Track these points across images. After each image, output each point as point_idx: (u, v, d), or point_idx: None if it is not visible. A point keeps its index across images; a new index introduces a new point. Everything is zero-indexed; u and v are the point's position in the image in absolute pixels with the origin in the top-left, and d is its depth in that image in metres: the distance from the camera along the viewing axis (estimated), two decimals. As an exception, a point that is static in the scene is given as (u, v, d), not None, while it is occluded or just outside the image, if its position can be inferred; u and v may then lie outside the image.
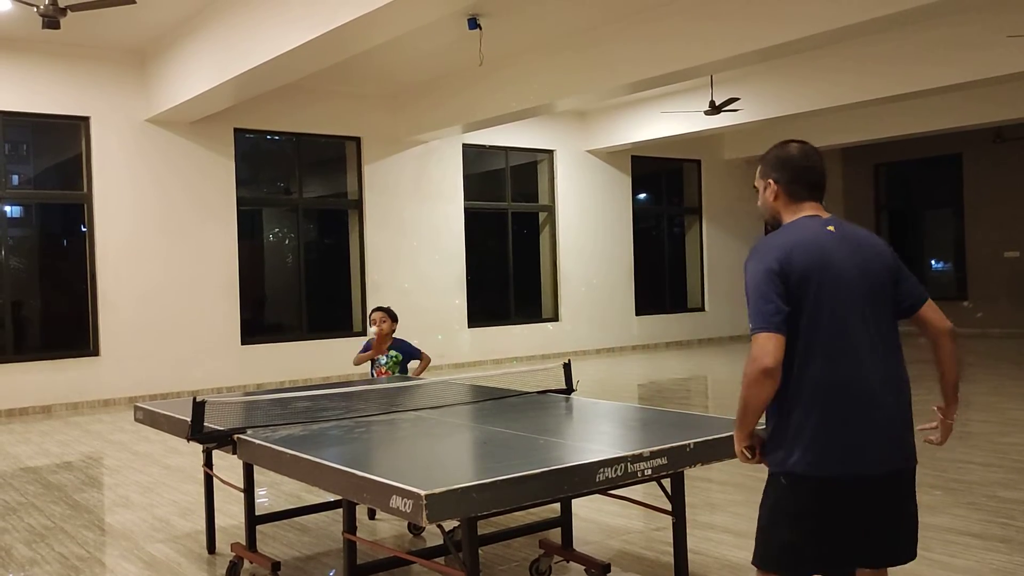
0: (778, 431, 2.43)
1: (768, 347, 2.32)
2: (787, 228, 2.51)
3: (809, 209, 2.53)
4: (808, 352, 2.36)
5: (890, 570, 2.58)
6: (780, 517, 2.43)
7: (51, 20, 6.74)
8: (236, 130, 11.16)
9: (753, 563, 2.51)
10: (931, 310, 2.55)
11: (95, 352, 10.19)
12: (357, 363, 6.02)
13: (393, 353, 5.92)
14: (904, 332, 2.49)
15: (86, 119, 10.19)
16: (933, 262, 17.35)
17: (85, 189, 10.24)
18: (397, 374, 5.88)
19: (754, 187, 2.67)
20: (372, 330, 5.91)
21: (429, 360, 6.01)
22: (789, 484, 2.39)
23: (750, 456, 2.53)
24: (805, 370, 2.37)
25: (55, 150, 10.62)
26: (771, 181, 2.58)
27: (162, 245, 10.59)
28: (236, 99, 9.61)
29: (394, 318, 5.96)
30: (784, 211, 2.57)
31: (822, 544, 2.38)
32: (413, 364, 6.02)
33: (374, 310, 6.05)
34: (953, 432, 2.70)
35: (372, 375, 5.97)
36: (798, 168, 2.54)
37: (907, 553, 2.48)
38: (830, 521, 2.37)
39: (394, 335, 6.00)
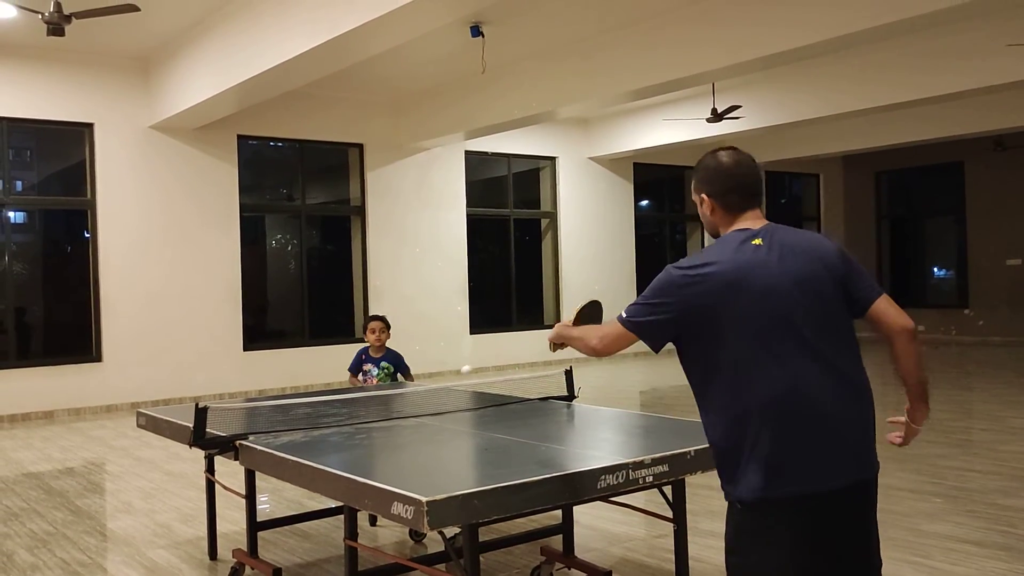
0: (724, 458, 2.33)
1: (616, 341, 2.45)
2: (715, 245, 2.40)
3: (745, 220, 2.42)
4: (740, 375, 2.26)
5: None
6: (744, 541, 2.31)
7: (56, 27, 6.78)
8: (239, 137, 11.20)
9: None
10: (885, 306, 2.35)
11: (98, 358, 10.21)
12: (352, 383, 5.96)
13: (385, 364, 5.86)
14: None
15: (90, 125, 10.23)
16: (935, 270, 17.35)
17: (89, 195, 10.28)
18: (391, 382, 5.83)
19: (692, 201, 2.58)
20: (371, 338, 5.88)
21: (413, 381, 5.94)
22: (744, 509, 2.28)
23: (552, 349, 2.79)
24: (740, 395, 2.26)
25: (59, 156, 10.66)
26: (703, 196, 2.49)
27: (165, 251, 10.61)
28: (239, 106, 9.65)
29: (389, 327, 5.95)
30: (721, 224, 2.47)
31: (788, 565, 2.23)
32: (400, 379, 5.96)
33: (373, 319, 5.99)
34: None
35: (360, 382, 5.90)
36: (729, 179, 2.45)
37: (877, 565, 2.36)
38: (790, 542, 2.22)
39: (387, 346, 5.96)
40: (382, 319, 5.98)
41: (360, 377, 5.92)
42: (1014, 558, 4.12)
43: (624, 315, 2.40)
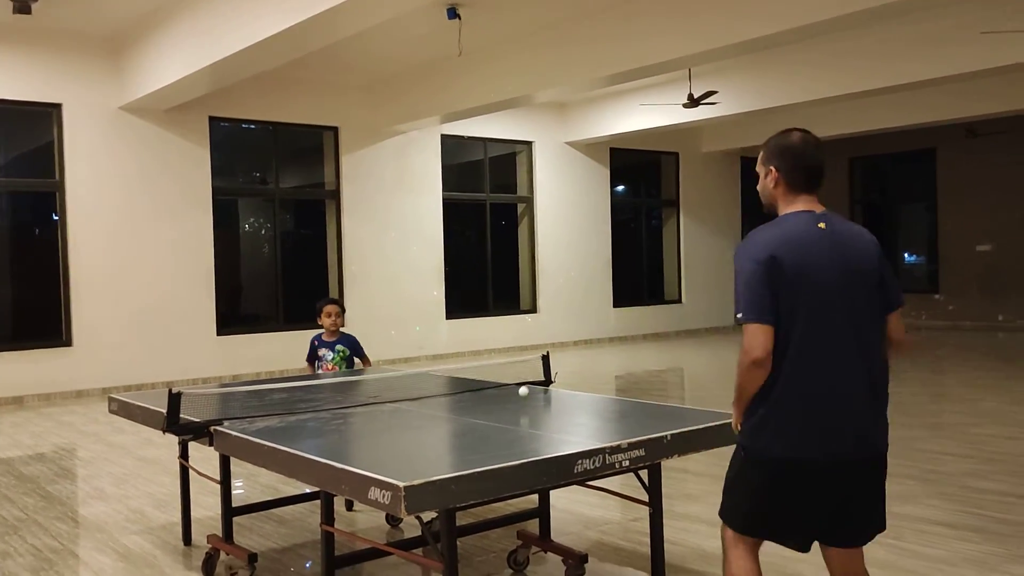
0: (748, 411, 2.55)
1: (759, 338, 2.43)
2: (779, 222, 2.57)
3: (804, 202, 2.59)
4: (785, 349, 2.44)
5: (866, 558, 2.63)
6: (740, 486, 2.63)
7: (22, 5, 6.65)
8: (211, 118, 11.05)
9: (719, 514, 2.71)
10: (897, 317, 2.61)
11: (68, 343, 10.07)
12: (310, 371, 5.87)
13: (341, 348, 5.74)
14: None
15: (58, 106, 10.05)
16: (906, 255, 17.54)
17: (57, 177, 10.10)
18: (344, 370, 5.68)
19: (755, 172, 2.73)
20: (327, 322, 5.78)
21: (370, 365, 5.86)
22: (747, 460, 2.57)
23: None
24: (780, 367, 2.45)
25: (26, 137, 10.45)
26: (772, 168, 2.64)
27: (136, 235, 10.47)
28: (211, 87, 9.51)
29: (344, 311, 5.87)
30: (781, 200, 2.63)
31: (774, 518, 2.56)
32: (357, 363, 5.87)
33: (328, 302, 5.88)
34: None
35: (316, 371, 5.79)
36: (798, 159, 2.60)
37: (853, 535, 2.59)
38: (782, 500, 2.52)
39: (343, 330, 5.86)
40: (338, 302, 5.90)
41: (316, 365, 5.80)
42: (984, 539, 4.18)
43: (744, 316, 2.47)
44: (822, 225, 2.53)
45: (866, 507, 2.56)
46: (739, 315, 2.48)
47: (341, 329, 5.85)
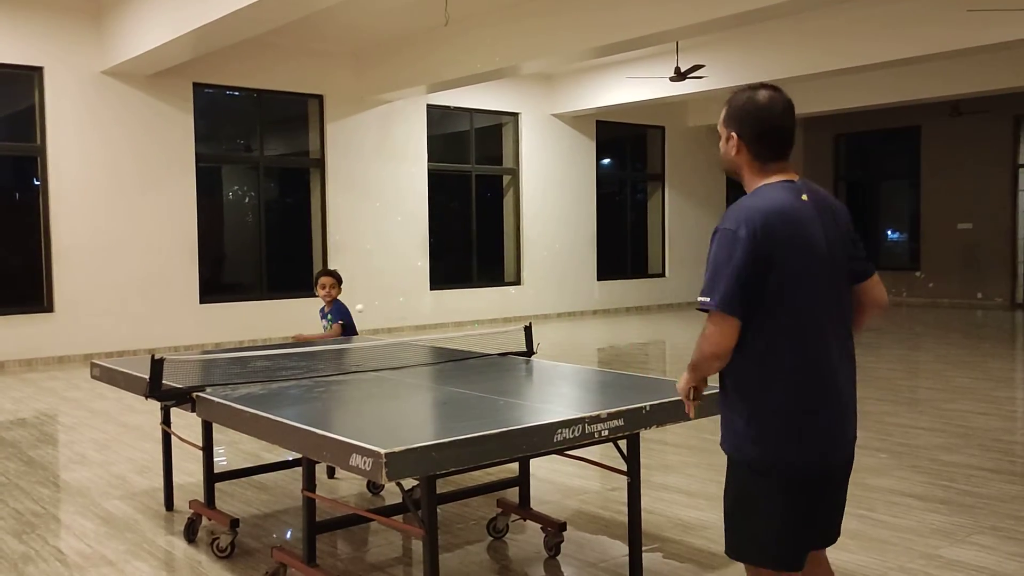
0: (740, 415, 2.28)
1: (726, 333, 2.19)
2: (763, 192, 2.27)
3: (777, 171, 2.30)
4: (773, 333, 2.21)
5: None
6: (746, 505, 2.30)
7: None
8: (195, 85, 10.94)
9: (727, 553, 2.38)
10: (878, 281, 2.43)
11: (49, 308, 10.02)
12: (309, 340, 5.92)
13: (331, 317, 5.93)
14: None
15: (39, 69, 9.91)
16: (888, 232, 17.66)
17: (38, 141, 10.00)
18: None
19: (716, 131, 2.42)
20: (321, 293, 5.90)
21: (340, 333, 5.84)
22: (752, 473, 2.26)
23: (691, 398, 2.43)
24: (770, 352, 2.22)
25: (7, 101, 10.31)
26: (732, 134, 2.33)
27: (119, 200, 10.39)
28: (195, 53, 9.41)
29: (341, 282, 5.98)
30: (747, 169, 2.33)
31: (792, 531, 2.27)
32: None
33: (321, 274, 6.01)
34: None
35: None
36: (764, 125, 2.29)
37: (837, 532, 2.46)
38: (793, 508, 2.25)
39: (340, 299, 6.03)
40: (331, 273, 5.99)
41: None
42: (952, 511, 4.28)
43: (712, 300, 2.18)
44: (805, 197, 2.26)
45: (845, 497, 2.45)
46: (707, 299, 2.18)
47: (339, 298, 5.98)
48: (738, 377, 2.28)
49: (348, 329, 5.91)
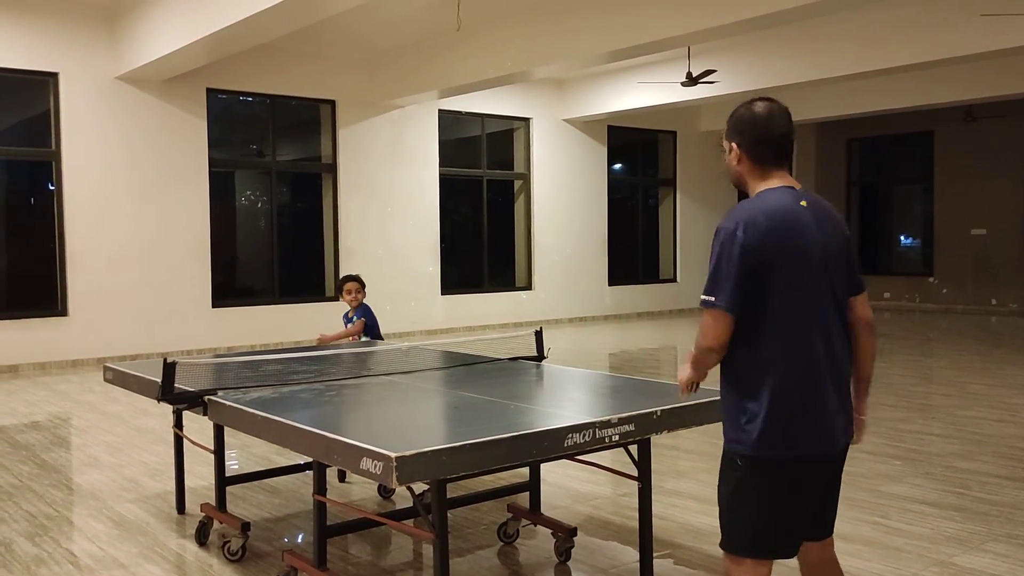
0: (735, 410, 2.39)
1: (720, 327, 2.32)
2: (763, 195, 2.39)
3: (777, 178, 2.42)
4: (769, 331, 2.32)
5: (849, 540, 2.65)
6: (742, 498, 2.40)
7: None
8: (209, 90, 11.00)
9: (720, 547, 2.47)
10: (864, 299, 2.51)
11: (63, 312, 10.08)
12: (334, 339, 6.00)
13: (355, 319, 6.05)
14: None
15: (55, 75, 9.99)
16: (902, 238, 17.57)
17: (53, 147, 10.07)
18: (361, 340, 5.93)
19: (720, 146, 2.57)
20: (346, 299, 6.01)
21: (362, 329, 5.98)
22: (747, 465, 2.36)
23: (691, 390, 2.52)
24: (764, 350, 2.32)
25: (22, 106, 10.40)
26: (733, 145, 2.47)
27: (132, 205, 10.45)
28: (209, 58, 9.46)
29: (364, 287, 6.09)
30: (749, 176, 2.46)
31: (783, 522, 2.38)
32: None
33: (344, 280, 6.09)
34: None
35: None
36: (762, 133, 2.41)
37: (831, 524, 2.54)
38: (787, 499, 2.36)
39: (365, 302, 6.16)
40: (355, 279, 6.07)
41: None
42: (966, 518, 4.24)
43: (709, 297, 2.34)
44: (804, 203, 2.38)
45: (838, 492, 2.54)
46: (711, 298, 2.32)
47: (364, 302, 6.09)
48: (733, 372, 2.41)
49: (371, 330, 5.97)
